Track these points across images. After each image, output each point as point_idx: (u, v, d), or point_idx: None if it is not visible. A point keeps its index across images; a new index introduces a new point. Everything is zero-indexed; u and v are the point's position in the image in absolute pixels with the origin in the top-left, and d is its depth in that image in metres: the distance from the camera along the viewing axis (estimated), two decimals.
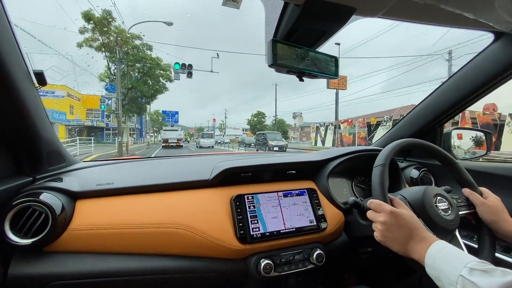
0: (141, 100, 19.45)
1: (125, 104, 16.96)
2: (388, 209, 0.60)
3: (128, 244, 0.71)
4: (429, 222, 0.64)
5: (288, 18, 0.61)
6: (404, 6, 0.61)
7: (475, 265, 0.45)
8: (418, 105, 1.18)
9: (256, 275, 0.75)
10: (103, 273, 0.68)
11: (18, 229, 0.64)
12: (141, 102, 19.64)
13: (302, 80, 0.72)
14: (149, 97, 18.71)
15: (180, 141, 24.80)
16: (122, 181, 0.83)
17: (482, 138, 1.26)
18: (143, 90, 17.90)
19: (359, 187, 1.08)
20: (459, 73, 1.01)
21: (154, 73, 17.98)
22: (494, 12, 0.64)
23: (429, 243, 0.54)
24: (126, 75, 16.64)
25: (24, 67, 0.68)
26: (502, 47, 0.86)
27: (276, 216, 0.82)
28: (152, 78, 18.24)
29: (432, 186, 0.74)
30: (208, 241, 0.73)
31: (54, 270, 0.65)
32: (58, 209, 0.67)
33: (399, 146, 0.74)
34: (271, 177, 0.95)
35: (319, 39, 0.67)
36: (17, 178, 0.74)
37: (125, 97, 16.95)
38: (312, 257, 0.80)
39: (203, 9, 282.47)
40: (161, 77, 18.67)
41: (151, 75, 18.01)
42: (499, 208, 0.69)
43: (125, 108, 16.96)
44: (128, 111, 18.75)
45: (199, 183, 0.87)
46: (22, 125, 0.70)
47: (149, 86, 18.30)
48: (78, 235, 0.69)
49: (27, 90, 0.68)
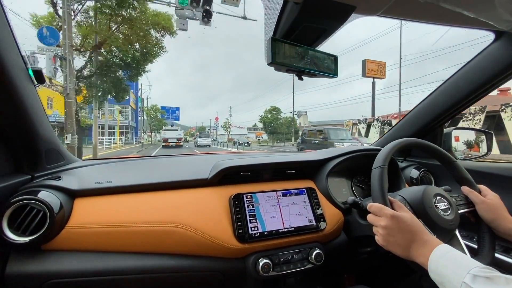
0: (124, 74, 11.08)
1: (90, 75, 9.89)
2: (389, 213, 0.60)
3: (127, 242, 0.71)
4: (429, 222, 0.64)
5: (287, 16, 0.60)
6: (404, 5, 0.61)
7: (478, 271, 0.45)
8: (418, 105, 1.18)
9: (255, 274, 0.74)
10: (101, 271, 0.67)
11: (16, 227, 0.63)
12: (120, 77, 11.00)
13: (301, 79, 0.72)
14: (134, 65, 10.32)
15: (179, 141, 25.20)
16: (121, 180, 0.83)
17: (483, 138, 1.26)
18: (122, 49, 9.84)
19: (359, 186, 1.08)
20: (460, 72, 1.00)
21: (141, 21, 9.82)
22: (494, 11, 0.63)
23: (431, 247, 0.53)
24: (94, 15, 9.27)
25: (22, 64, 0.68)
26: (503, 47, 0.86)
27: (275, 215, 0.82)
28: (136, 26, 9.69)
29: (431, 186, 0.73)
30: (207, 240, 0.73)
31: (52, 268, 0.65)
32: (56, 207, 0.67)
33: (397, 146, 0.74)
34: (270, 176, 0.95)
35: (319, 37, 0.67)
36: (15, 176, 0.74)
37: (90, 61, 9.85)
38: (311, 257, 0.80)
39: None
40: (153, 28, 10.30)
41: (135, 23, 9.65)
42: (498, 205, 0.69)
43: (89, 84, 10.14)
44: (95, 90, 10.47)
45: (198, 182, 0.87)
46: (20, 123, 0.70)
47: (133, 46, 10.18)
48: (76, 233, 0.69)
49: (25, 88, 0.68)
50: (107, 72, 10.47)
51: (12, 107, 0.66)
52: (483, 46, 0.91)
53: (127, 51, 10.02)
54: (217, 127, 65.70)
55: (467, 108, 1.07)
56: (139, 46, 10.56)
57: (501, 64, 0.88)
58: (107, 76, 10.55)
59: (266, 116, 41.20)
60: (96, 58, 10.26)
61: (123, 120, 32.94)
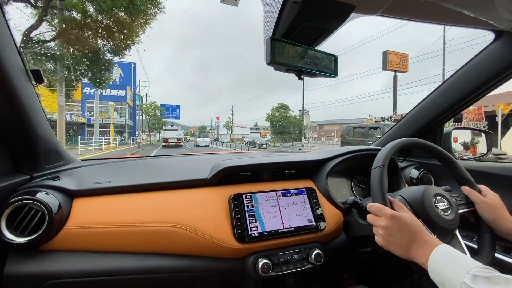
0: (104, 44, 7.04)
1: (47, 40, 6.13)
2: (389, 213, 0.59)
3: (126, 243, 0.71)
4: (429, 222, 0.64)
5: (287, 15, 0.60)
6: (404, 4, 0.61)
7: (478, 271, 0.45)
8: (418, 105, 1.18)
9: (254, 274, 0.74)
10: (100, 272, 0.67)
11: (14, 227, 0.63)
12: (98, 48, 7.10)
13: (301, 79, 0.72)
14: (117, 29, 6.65)
15: (179, 141, 25.37)
16: (120, 180, 0.83)
17: (483, 138, 1.26)
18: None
19: (359, 186, 1.08)
20: (460, 72, 1.00)
21: None
22: (494, 10, 0.63)
23: (431, 247, 0.53)
24: None
25: (21, 64, 0.67)
26: (503, 46, 0.86)
27: (275, 215, 0.82)
28: None
29: (431, 186, 0.73)
30: (206, 240, 0.72)
31: (51, 268, 0.65)
32: (55, 208, 0.66)
33: (397, 146, 0.74)
34: (270, 176, 0.94)
35: (319, 37, 0.67)
36: (14, 176, 0.73)
37: (46, 16, 6.04)
38: (311, 257, 0.80)
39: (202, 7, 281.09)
40: None
41: None
42: (498, 205, 0.69)
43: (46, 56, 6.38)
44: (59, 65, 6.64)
45: (197, 182, 0.87)
46: (19, 123, 0.70)
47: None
48: (75, 234, 0.68)
49: (24, 88, 0.67)
50: (77, 37, 6.11)
51: (10, 107, 0.66)
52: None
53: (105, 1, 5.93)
54: (218, 127, 63.44)
55: (467, 107, 1.07)
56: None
57: (501, 64, 0.88)
58: (78, 43, 6.31)
59: (273, 114, 38.53)
60: (61, 11, 6.03)
61: (119, 118, 29.47)
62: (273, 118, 38.59)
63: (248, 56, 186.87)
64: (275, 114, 38.59)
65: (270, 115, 39.13)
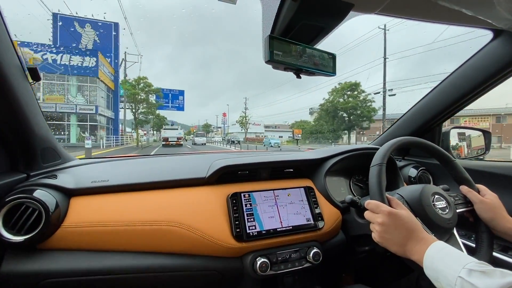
0: None
1: None
2: (386, 210, 0.60)
3: (123, 241, 0.70)
4: (427, 221, 0.64)
5: (285, 13, 0.60)
6: (402, 3, 0.61)
7: (473, 266, 0.45)
8: (417, 104, 1.18)
9: (252, 273, 0.74)
10: (97, 270, 0.67)
11: (11, 226, 0.63)
12: None
13: (299, 77, 0.72)
14: None
15: (180, 140, 25.47)
16: (118, 179, 0.82)
17: (481, 137, 1.26)
18: None
19: (357, 185, 1.08)
20: (458, 71, 1.00)
21: None
22: (493, 9, 0.63)
23: (427, 244, 0.53)
24: None
25: (18, 62, 0.67)
26: (501, 45, 0.86)
27: (273, 214, 0.82)
28: None
29: (429, 185, 0.73)
30: (204, 239, 0.72)
31: (48, 267, 0.64)
32: (52, 206, 0.66)
33: (396, 144, 0.74)
34: (268, 175, 0.94)
35: (317, 35, 0.67)
36: (10, 174, 0.73)
37: None
38: (309, 256, 0.80)
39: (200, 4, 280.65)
40: None
41: None
42: (496, 205, 0.69)
43: None
44: None
45: (196, 181, 0.87)
46: (16, 121, 0.69)
47: None
48: (72, 233, 0.68)
49: (20, 86, 0.67)
50: None
51: (7, 105, 0.65)
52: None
53: None
54: (225, 124, 54.77)
55: (466, 107, 1.07)
56: None
57: (499, 63, 0.88)
58: None
59: (334, 98, 23.93)
60: None
61: (87, 104, 18.54)
62: (342, 105, 23.93)
63: (250, 54, 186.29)
64: (337, 98, 24.12)
65: (331, 100, 25.28)
